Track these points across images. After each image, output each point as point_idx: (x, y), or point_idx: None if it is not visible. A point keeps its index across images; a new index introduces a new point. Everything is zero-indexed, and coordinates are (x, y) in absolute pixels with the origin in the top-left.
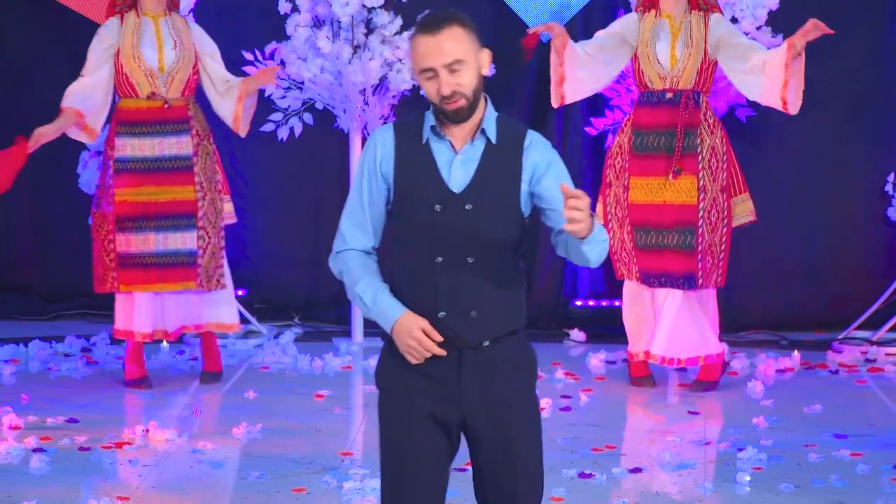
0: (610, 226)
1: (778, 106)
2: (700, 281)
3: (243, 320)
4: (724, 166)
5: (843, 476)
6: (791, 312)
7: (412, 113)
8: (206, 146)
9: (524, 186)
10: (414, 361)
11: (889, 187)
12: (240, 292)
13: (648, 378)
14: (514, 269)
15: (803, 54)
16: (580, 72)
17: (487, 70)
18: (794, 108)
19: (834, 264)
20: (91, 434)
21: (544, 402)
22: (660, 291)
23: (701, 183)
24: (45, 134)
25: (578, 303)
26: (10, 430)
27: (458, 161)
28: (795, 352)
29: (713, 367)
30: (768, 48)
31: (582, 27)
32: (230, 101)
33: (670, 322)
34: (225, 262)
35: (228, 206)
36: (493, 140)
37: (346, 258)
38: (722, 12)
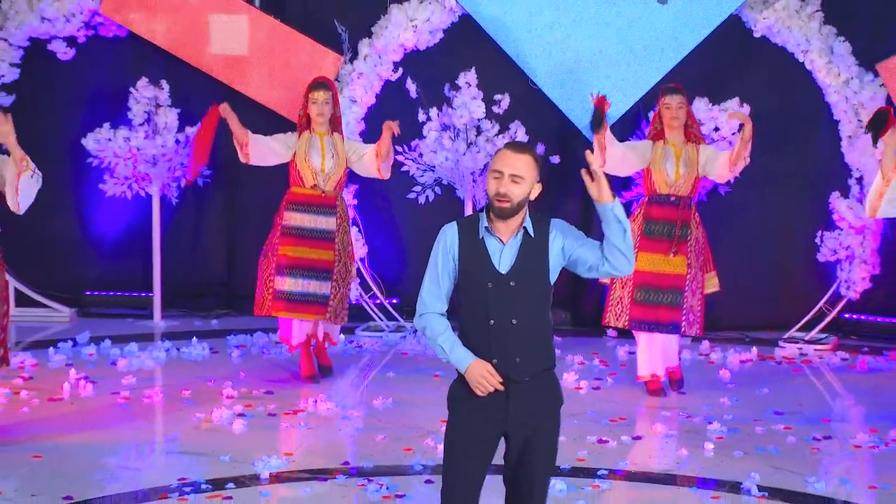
0: (615, 286)
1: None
2: (684, 329)
3: (393, 318)
4: (703, 251)
5: (778, 445)
6: (752, 318)
7: None
8: (346, 226)
9: (558, 262)
10: (480, 394)
11: (818, 239)
12: (395, 300)
13: (661, 390)
14: (546, 324)
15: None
16: (613, 149)
17: (534, 196)
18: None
19: (782, 287)
20: (279, 403)
21: (583, 383)
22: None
23: (689, 261)
24: (229, 115)
25: None
26: (226, 399)
27: (504, 250)
28: (754, 347)
29: (677, 371)
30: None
31: (619, 130)
32: (369, 155)
33: (661, 351)
34: (348, 304)
35: (354, 270)
36: (532, 234)
37: (429, 319)
38: (706, 142)
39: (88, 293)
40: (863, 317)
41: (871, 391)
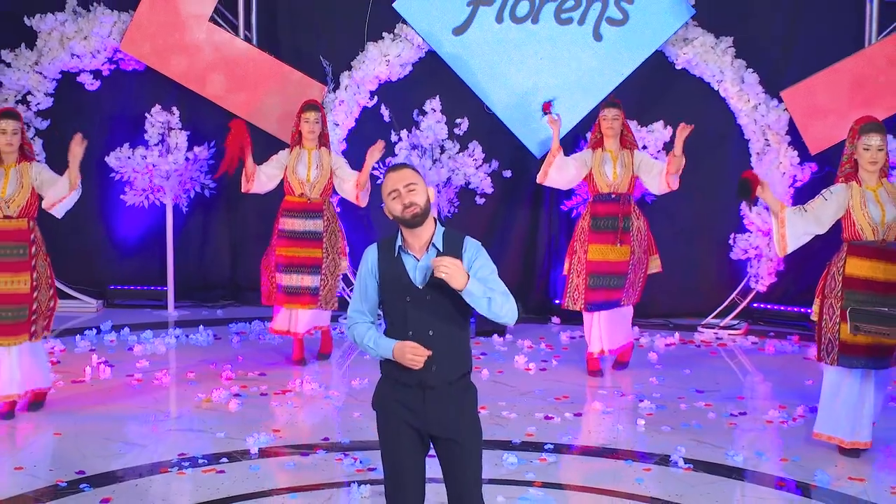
0: (571, 275)
1: (664, 188)
2: (624, 302)
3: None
4: (646, 237)
5: (700, 420)
6: (675, 307)
7: (463, 199)
8: (333, 226)
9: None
10: (415, 367)
11: (731, 240)
12: None
13: (599, 371)
14: (463, 333)
15: (682, 156)
16: (557, 169)
17: (433, 199)
18: (675, 186)
19: (701, 280)
20: (270, 384)
21: (531, 365)
22: (602, 312)
23: (632, 248)
24: (247, 153)
25: (557, 301)
26: (225, 380)
27: (419, 266)
28: (677, 332)
29: (628, 351)
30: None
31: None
32: (350, 185)
33: (607, 329)
34: (337, 293)
35: (344, 263)
36: (441, 249)
37: (355, 328)
38: (639, 149)
39: (112, 287)
40: (769, 306)
41: (777, 371)
